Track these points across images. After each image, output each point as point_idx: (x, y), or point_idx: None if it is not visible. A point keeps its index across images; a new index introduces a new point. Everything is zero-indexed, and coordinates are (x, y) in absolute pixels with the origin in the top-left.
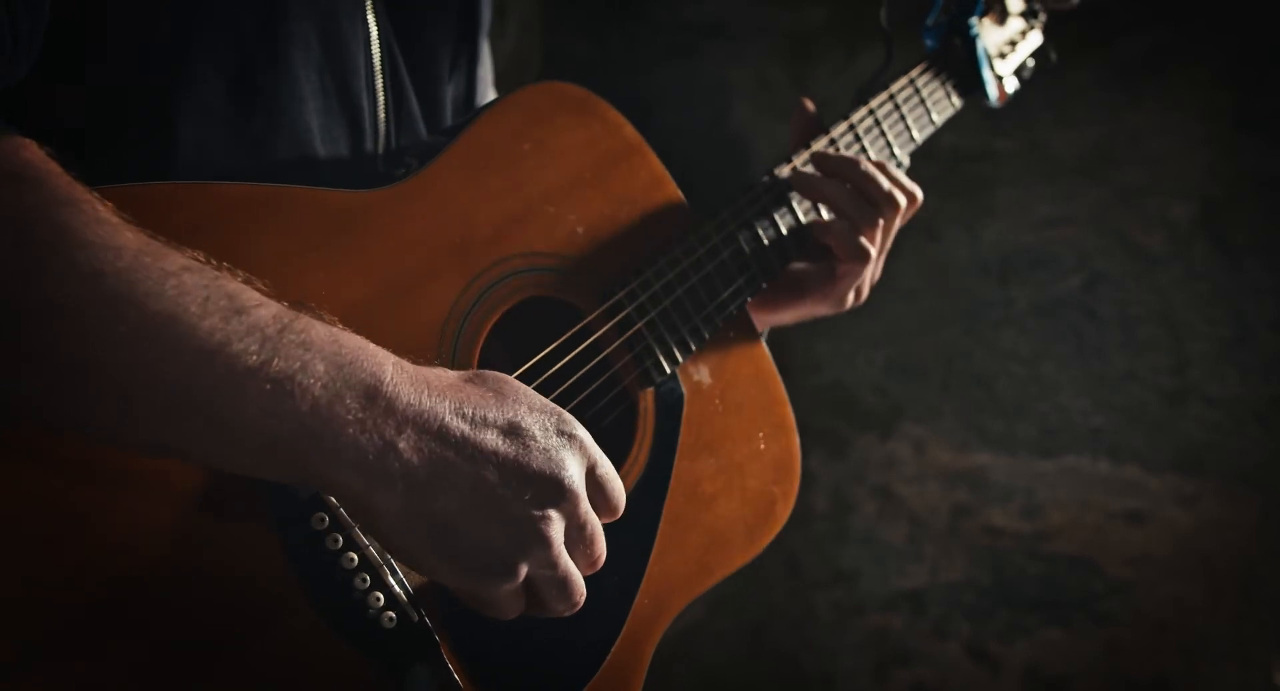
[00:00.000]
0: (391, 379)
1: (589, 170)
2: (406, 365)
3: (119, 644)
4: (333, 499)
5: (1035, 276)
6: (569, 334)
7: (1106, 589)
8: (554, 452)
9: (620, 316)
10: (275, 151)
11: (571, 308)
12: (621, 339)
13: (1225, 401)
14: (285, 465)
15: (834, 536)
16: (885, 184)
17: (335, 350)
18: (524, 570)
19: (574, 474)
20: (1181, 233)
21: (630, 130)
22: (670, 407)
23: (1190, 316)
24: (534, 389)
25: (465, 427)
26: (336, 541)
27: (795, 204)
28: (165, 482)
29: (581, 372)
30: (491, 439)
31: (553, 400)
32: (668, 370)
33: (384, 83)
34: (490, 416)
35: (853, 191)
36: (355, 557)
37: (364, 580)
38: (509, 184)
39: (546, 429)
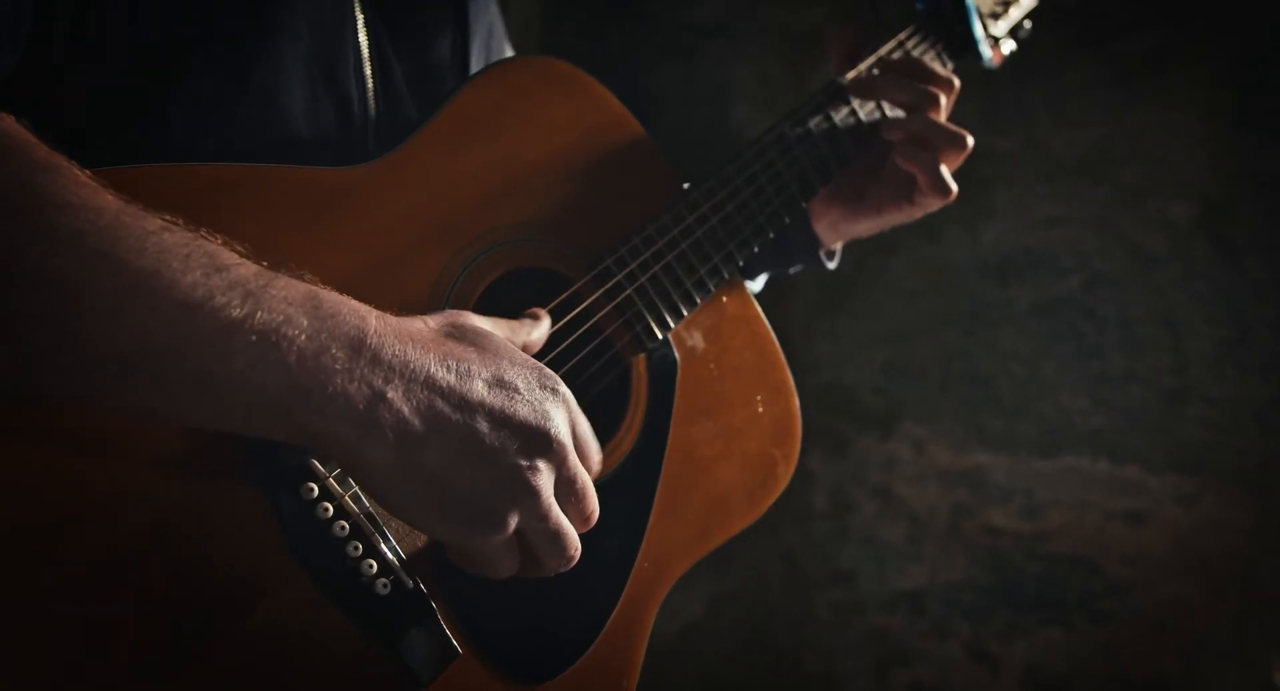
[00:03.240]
0: (375, 330)
1: (575, 142)
2: (389, 317)
3: (112, 614)
4: (320, 468)
5: (1035, 276)
6: (558, 300)
7: (1106, 589)
8: (539, 404)
9: (610, 283)
10: (267, 139)
11: (560, 276)
12: (611, 305)
13: (1225, 401)
14: (273, 419)
15: (834, 536)
16: (920, 84)
17: (316, 304)
18: (514, 522)
19: (560, 425)
20: (1181, 233)
21: (615, 103)
22: (664, 373)
23: (1190, 316)
24: None
25: (452, 379)
26: (326, 510)
27: (783, 168)
28: (152, 454)
29: (572, 338)
30: (479, 389)
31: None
32: (659, 336)
33: (372, 70)
34: (475, 369)
35: (936, 126)
36: (346, 526)
37: (355, 548)
38: (493, 156)
39: (530, 382)
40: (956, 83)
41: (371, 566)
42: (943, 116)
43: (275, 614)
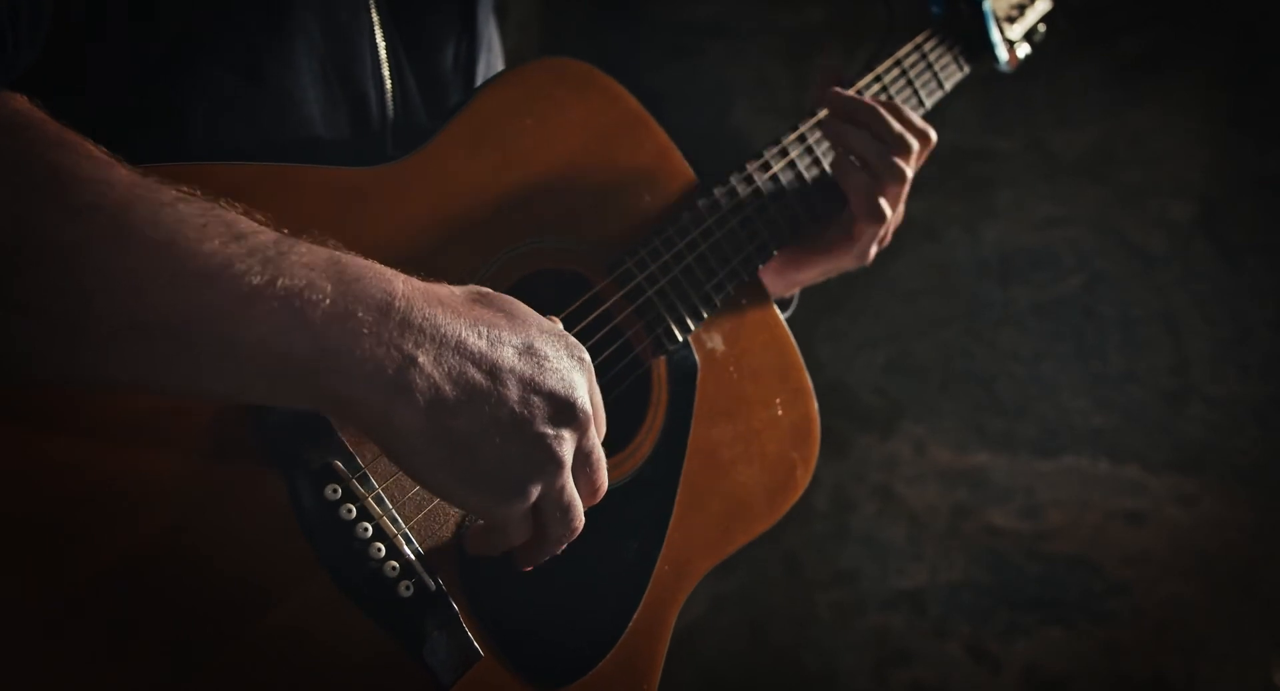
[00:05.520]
0: (403, 294)
1: (593, 143)
2: (416, 282)
3: (129, 614)
4: (343, 468)
5: (1035, 276)
6: (579, 302)
7: (1106, 588)
8: (567, 374)
9: (630, 285)
10: (284, 139)
11: (580, 278)
12: (631, 307)
13: (1225, 401)
14: (300, 387)
15: (834, 536)
16: (896, 125)
17: (339, 269)
18: (536, 490)
19: (585, 396)
20: (1181, 232)
21: (633, 103)
22: (684, 375)
23: (1190, 316)
24: None
25: (483, 344)
26: (350, 512)
27: (804, 170)
28: (170, 454)
29: (594, 340)
30: (510, 356)
31: None
32: (679, 338)
33: (390, 72)
34: (505, 335)
35: (872, 137)
36: (369, 527)
37: (379, 549)
38: (512, 158)
39: (558, 350)
40: (933, 135)
41: (395, 568)
42: (911, 161)
43: (296, 615)
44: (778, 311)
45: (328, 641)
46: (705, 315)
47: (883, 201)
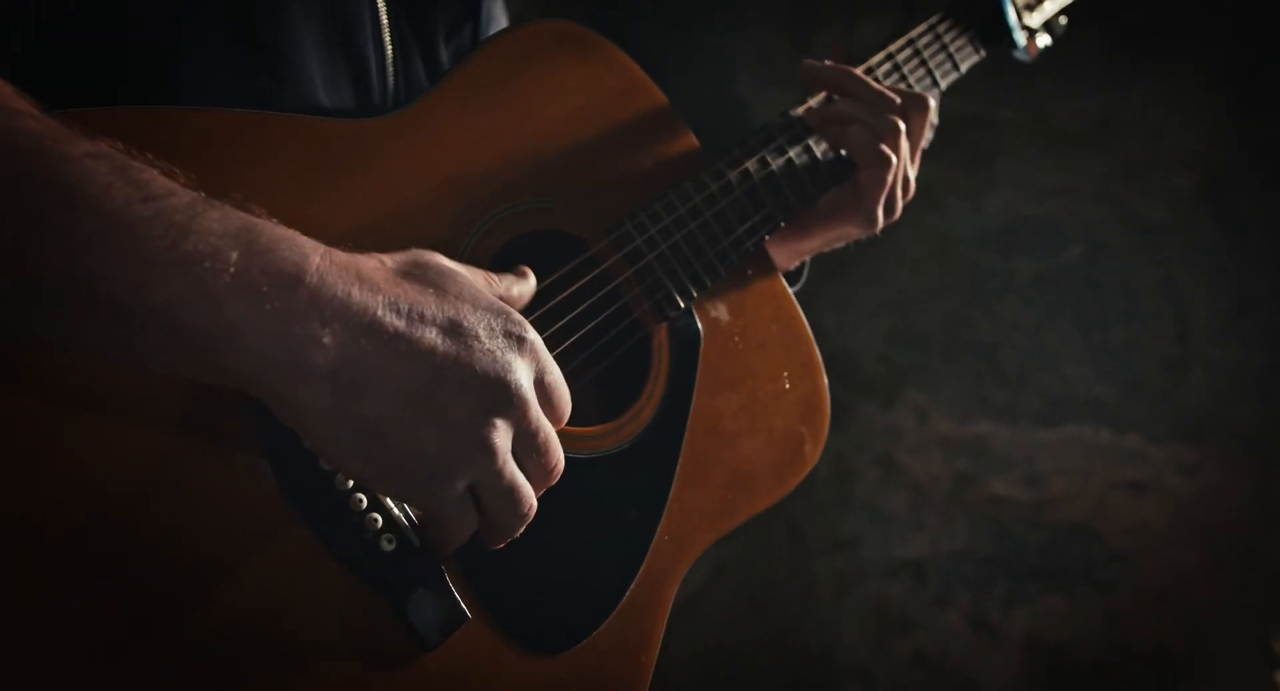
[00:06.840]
0: (316, 268)
1: (594, 106)
2: (338, 255)
3: (111, 570)
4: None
5: (1037, 246)
6: (575, 261)
7: (1107, 557)
8: (500, 354)
9: (629, 248)
10: (280, 104)
11: (577, 241)
12: (631, 270)
13: (1227, 370)
14: (199, 359)
15: (836, 505)
16: (874, 85)
17: (250, 238)
18: (462, 481)
19: (522, 378)
20: (1183, 202)
21: (636, 69)
22: (686, 343)
23: (1192, 286)
24: (541, 315)
25: (400, 323)
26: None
27: (813, 142)
28: (138, 402)
29: (589, 301)
30: (430, 337)
31: (560, 328)
32: (681, 305)
33: (391, 38)
34: (429, 313)
35: (857, 100)
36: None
37: (359, 501)
38: (510, 117)
39: (493, 329)
40: (931, 101)
41: (376, 521)
42: (897, 113)
43: (277, 567)
44: (785, 284)
45: (309, 597)
46: (708, 283)
47: (884, 147)
